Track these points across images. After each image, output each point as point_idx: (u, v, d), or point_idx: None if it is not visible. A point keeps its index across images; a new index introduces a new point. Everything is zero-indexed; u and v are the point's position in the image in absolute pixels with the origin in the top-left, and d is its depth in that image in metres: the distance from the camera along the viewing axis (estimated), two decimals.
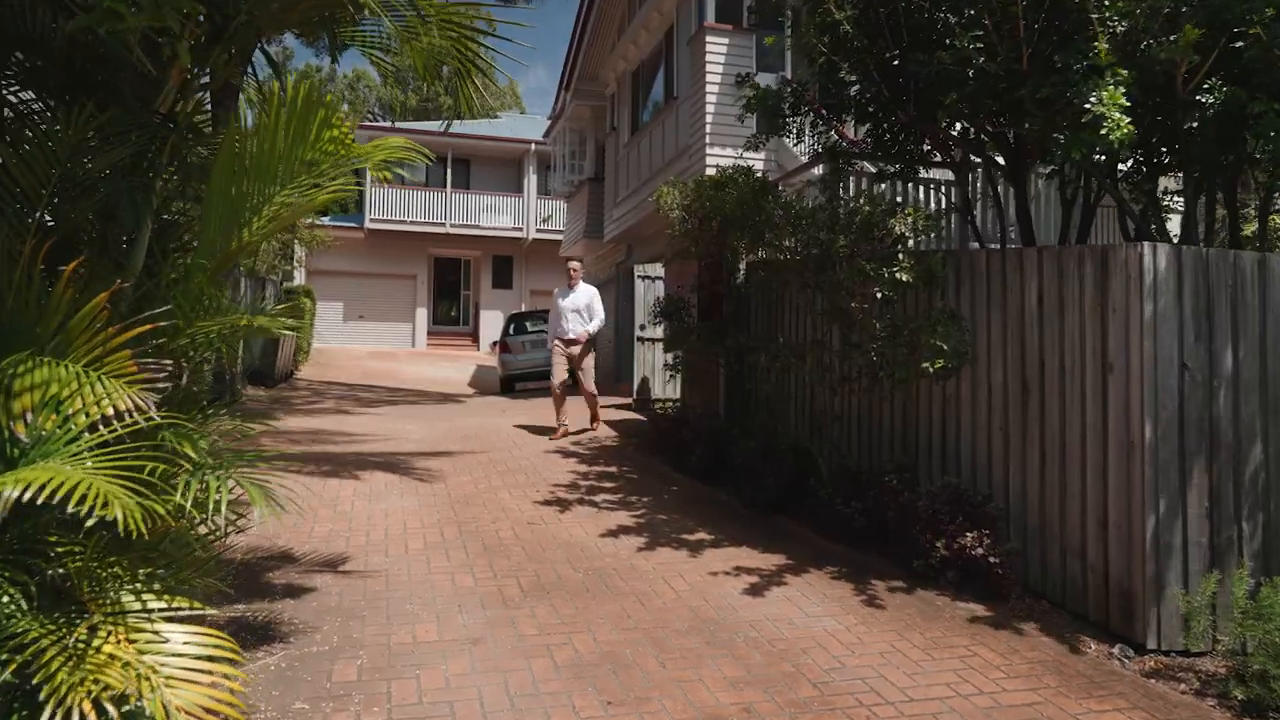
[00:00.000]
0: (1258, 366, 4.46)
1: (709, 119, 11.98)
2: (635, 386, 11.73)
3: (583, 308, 9.35)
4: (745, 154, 8.52)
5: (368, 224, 25.92)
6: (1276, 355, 4.48)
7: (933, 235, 6.25)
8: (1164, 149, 5.81)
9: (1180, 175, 6.11)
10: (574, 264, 9.73)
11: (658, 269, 11.96)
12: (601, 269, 19.23)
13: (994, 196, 6.87)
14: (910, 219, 5.00)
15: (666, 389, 11.65)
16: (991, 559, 4.76)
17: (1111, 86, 4.10)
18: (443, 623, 4.23)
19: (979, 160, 7.14)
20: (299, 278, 24.92)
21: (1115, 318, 4.45)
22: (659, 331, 11.35)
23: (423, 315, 27.56)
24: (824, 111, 6.77)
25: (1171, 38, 4.37)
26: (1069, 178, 6.69)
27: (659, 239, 14.73)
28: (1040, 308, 4.92)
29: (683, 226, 7.76)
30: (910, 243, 5.21)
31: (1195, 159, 5.33)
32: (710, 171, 8.36)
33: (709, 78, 12.05)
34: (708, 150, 11.90)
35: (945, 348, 4.88)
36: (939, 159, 7.50)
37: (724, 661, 3.91)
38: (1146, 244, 4.35)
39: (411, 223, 26.17)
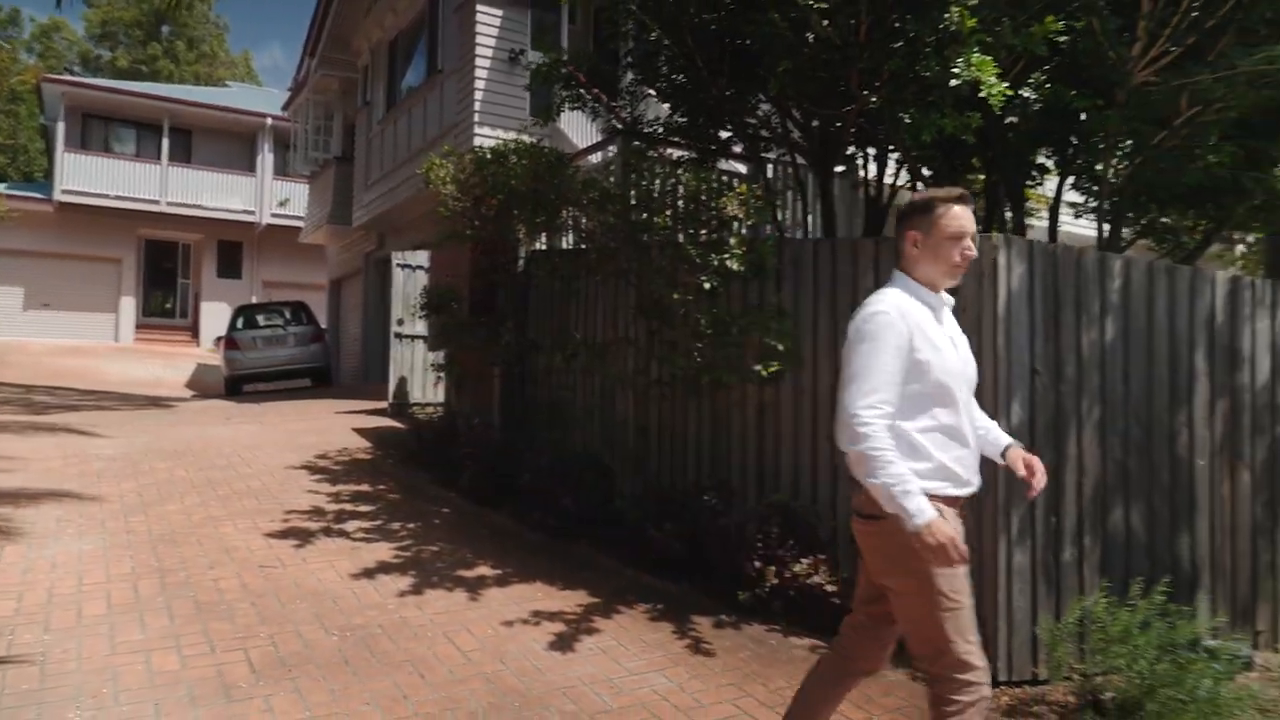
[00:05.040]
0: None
1: (478, 95, 10.90)
2: (391, 389, 10.35)
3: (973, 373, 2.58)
4: (519, 135, 7.63)
5: (58, 195, 21.86)
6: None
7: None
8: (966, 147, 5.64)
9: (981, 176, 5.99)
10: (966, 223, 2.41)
11: (421, 258, 10.68)
12: (349, 259, 17.38)
13: (797, 190, 6.47)
14: (745, 198, 4.33)
15: (429, 392, 10.38)
16: (829, 588, 4.19)
17: (978, 54, 3.66)
18: None
19: (783, 151, 6.73)
20: None
21: (965, 317, 4.03)
22: (421, 327, 10.07)
23: (129, 305, 23.75)
24: (633, 84, 6.01)
25: (1029, 28, 4.01)
26: (860, 180, 6.44)
27: (418, 226, 13.32)
28: None
29: (456, 205, 6.68)
30: (739, 227, 4.55)
31: (1009, 155, 5.14)
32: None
33: (479, 51, 10.97)
34: (476, 130, 10.82)
35: (781, 348, 4.25)
36: (739, 150, 7.03)
37: None
38: (998, 235, 3.97)
39: (116, 197, 22.37)
